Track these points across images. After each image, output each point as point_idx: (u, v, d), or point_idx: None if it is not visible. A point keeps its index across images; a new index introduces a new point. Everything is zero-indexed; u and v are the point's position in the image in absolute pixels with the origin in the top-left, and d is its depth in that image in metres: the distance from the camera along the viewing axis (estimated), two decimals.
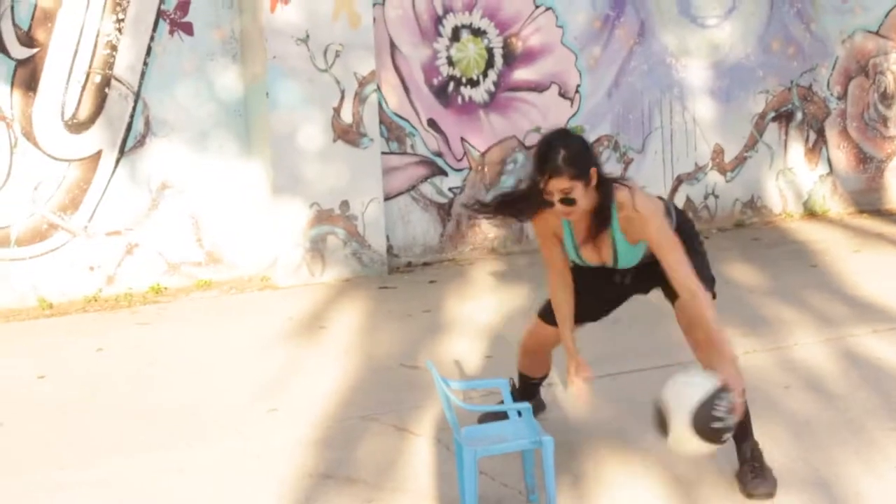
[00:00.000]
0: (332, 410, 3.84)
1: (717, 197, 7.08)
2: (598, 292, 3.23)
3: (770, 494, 2.87)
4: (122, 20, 5.40)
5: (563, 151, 2.75)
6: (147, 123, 5.52)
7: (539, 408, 3.57)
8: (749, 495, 2.86)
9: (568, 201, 2.76)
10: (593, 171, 2.80)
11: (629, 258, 3.02)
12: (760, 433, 2.97)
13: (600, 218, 2.92)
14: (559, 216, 2.93)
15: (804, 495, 2.94)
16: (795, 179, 7.27)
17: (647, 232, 2.88)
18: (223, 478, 3.28)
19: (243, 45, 5.69)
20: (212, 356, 4.52)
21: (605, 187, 2.88)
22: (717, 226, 6.94)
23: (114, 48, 5.42)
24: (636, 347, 4.30)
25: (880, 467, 3.00)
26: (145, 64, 5.42)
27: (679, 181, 6.86)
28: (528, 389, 3.50)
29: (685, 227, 3.15)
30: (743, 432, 2.88)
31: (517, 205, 3.09)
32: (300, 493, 3.12)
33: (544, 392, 3.49)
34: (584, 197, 2.81)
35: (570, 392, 3.20)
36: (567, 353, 3.03)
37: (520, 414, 3.02)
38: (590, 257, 3.05)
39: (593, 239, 2.97)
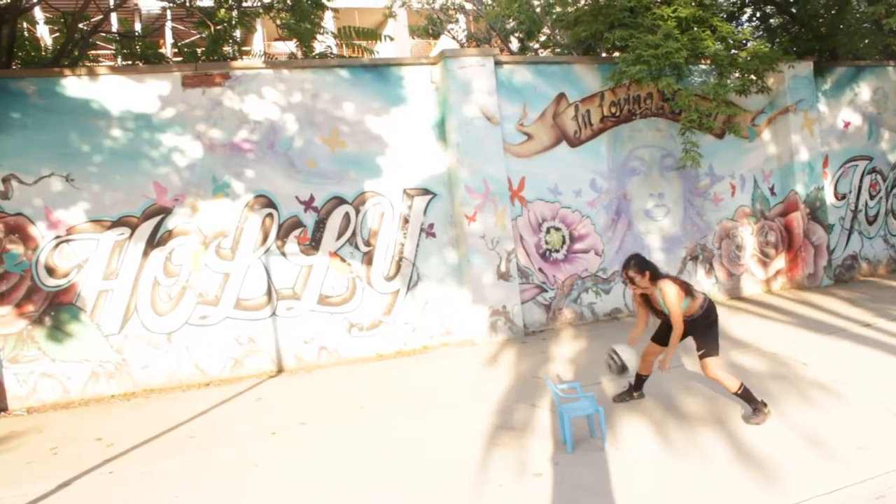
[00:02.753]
0: (502, 398, 6.97)
1: None
2: (667, 330, 5.85)
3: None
4: (406, 233, 10.34)
5: (632, 261, 5.85)
6: (418, 276, 10.31)
7: (641, 395, 6.41)
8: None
9: (633, 283, 5.85)
10: (647, 272, 5.73)
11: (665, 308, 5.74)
12: None
13: (651, 292, 5.79)
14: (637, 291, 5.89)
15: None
16: (701, 285, 12.03)
17: (665, 300, 5.64)
18: (452, 433, 6.21)
19: (457, 240, 10.51)
20: (454, 372, 8.57)
21: (655, 278, 5.74)
22: None
23: (403, 245, 10.34)
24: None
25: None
26: (417, 249, 10.42)
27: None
28: (639, 381, 6.31)
29: (710, 309, 5.80)
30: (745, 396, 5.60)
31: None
32: (488, 434, 5.88)
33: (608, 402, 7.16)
34: (642, 282, 5.76)
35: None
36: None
37: (586, 398, 5.53)
38: (655, 312, 5.95)
39: (651, 300, 5.85)
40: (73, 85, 9.14)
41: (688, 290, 5.74)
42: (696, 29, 11.23)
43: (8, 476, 6.08)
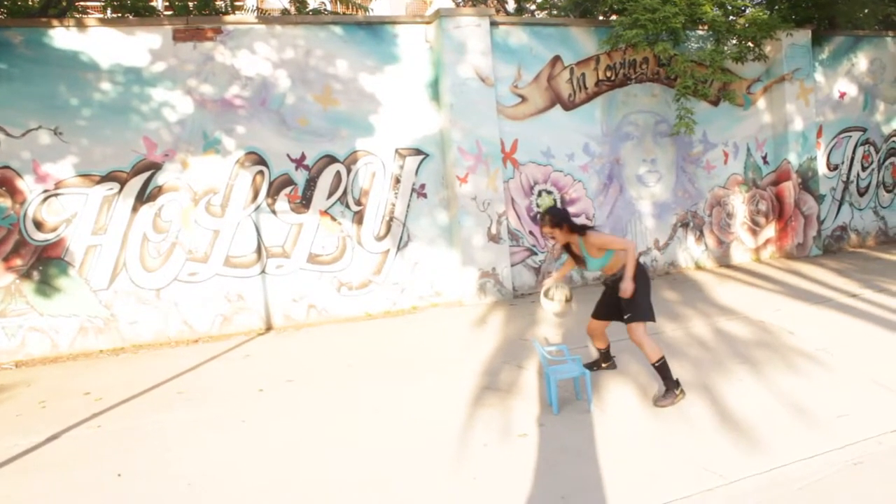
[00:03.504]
0: (489, 359, 7.04)
1: (655, 261, 11.89)
2: (606, 305, 5.73)
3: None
4: (397, 193, 10.29)
5: (546, 216, 5.59)
6: (409, 236, 10.29)
7: (611, 366, 6.24)
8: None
9: (553, 237, 5.64)
10: (564, 224, 5.51)
11: (594, 264, 5.58)
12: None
13: (572, 243, 5.61)
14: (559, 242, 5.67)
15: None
16: (691, 252, 12.27)
17: (594, 242, 5.47)
18: (439, 393, 6.13)
19: (449, 201, 10.48)
20: (442, 332, 8.56)
21: (575, 230, 5.54)
22: (657, 274, 11.66)
23: (393, 205, 10.30)
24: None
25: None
26: (407, 210, 10.39)
27: (639, 254, 11.51)
28: (603, 354, 6.19)
29: (641, 270, 5.56)
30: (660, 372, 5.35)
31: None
32: (474, 395, 5.93)
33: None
34: (561, 235, 5.57)
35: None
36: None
37: (573, 361, 5.53)
38: (577, 262, 5.72)
39: (573, 251, 5.67)
40: (62, 36, 8.98)
41: None
42: None
43: None
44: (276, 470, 4.73)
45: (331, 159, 10.02)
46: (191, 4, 12.83)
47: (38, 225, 8.89)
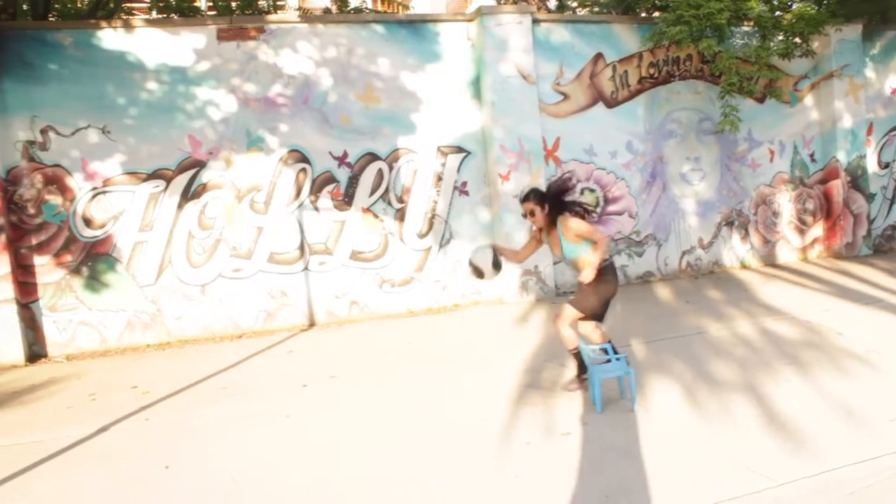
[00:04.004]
0: (531, 357, 6.97)
1: (699, 260, 11.72)
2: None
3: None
4: (439, 191, 10.32)
5: (531, 194, 5.36)
6: (451, 234, 10.29)
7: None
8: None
9: (532, 215, 5.32)
10: (546, 205, 5.23)
11: (569, 250, 5.30)
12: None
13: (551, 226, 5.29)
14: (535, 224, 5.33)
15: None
16: (736, 251, 12.07)
17: (574, 227, 5.15)
18: (481, 390, 6.06)
19: (490, 199, 10.43)
20: (484, 330, 8.59)
21: (556, 209, 5.24)
22: (701, 273, 11.56)
23: (435, 203, 10.31)
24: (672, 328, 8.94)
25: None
26: (449, 207, 10.38)
27: (682, 253, 11.50)
28: (580, 360, 5.70)
29: (611, 268, 5.36)
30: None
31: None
32: (517, 392, 5.84)
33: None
34: (541, 216, 5.26)
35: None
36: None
37: (618, 359, 5.41)
38: (553, 248, 5.44)
39: (549, 236, 5.39)
40: (109, 37, 9.16)
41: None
42: None
43: (50, 419, 6.25)
44: (317, 466, 4.75)
45: (373, 157, 10.06)
46: (234, 4, 12.95)
47: (87, 222, 9.09)
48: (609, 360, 5.62)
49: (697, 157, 11.83)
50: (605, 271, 5.30)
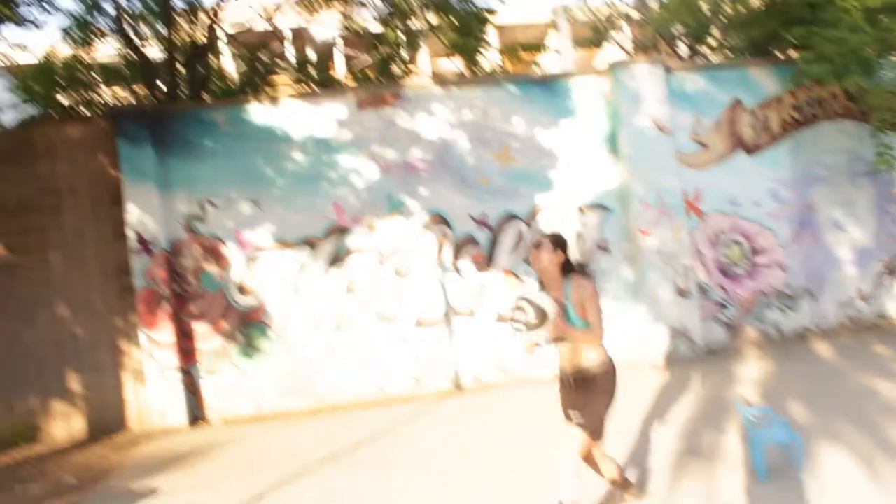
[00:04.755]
0: (686, 421, 6.71)
1: (860, 312, 10.89)
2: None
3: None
4: (580, 249, 10.81)
5: (550, 237, 4.50)
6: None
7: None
8: None
9: (536, 258, 4.43)
10: (562, 254, 4.42)
11: (572, 319, 4.39)
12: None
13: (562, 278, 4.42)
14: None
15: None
16: None
17: (582, 293, 4.33)
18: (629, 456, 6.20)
19: (632, 255, 10.14)
20: (633, 392, 8.03)
21: (568, 267, 4.46)
22: (863, 327, 10.73)
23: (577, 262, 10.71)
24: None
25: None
26: (591, 266, 10.78)
27: (841, 306, 10.76)
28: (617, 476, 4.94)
29: (615, 368, 4.62)
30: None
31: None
32: (674, 459, 5.69)
33: None
34: (544, 260, 4.42)
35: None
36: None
37: (780, 424, 5.15)
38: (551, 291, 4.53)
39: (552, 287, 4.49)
40: (257, 112, 9.64)
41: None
42: (884, 20, 10.32)
43: (210, 482, 6.45)
44: None
45: (512, 217, 10.04)
46: (370, 72, 13.39)
47: (241, 289, 9.43)
48: (771, 425, 5.28)
49: (850, 201, 11.19)
50: (614, 370, 4.59)
